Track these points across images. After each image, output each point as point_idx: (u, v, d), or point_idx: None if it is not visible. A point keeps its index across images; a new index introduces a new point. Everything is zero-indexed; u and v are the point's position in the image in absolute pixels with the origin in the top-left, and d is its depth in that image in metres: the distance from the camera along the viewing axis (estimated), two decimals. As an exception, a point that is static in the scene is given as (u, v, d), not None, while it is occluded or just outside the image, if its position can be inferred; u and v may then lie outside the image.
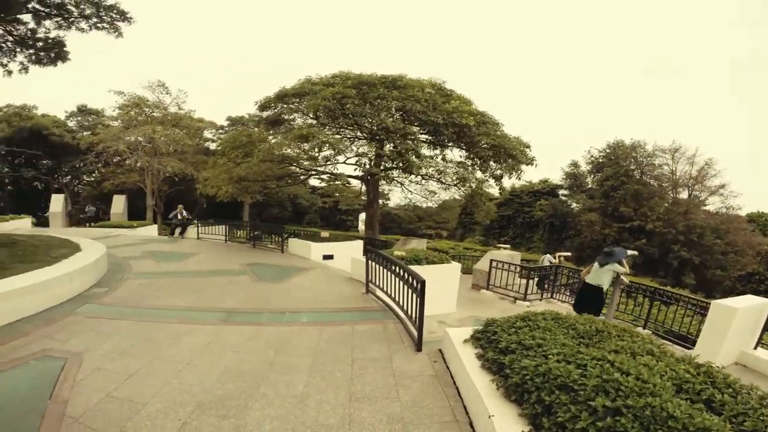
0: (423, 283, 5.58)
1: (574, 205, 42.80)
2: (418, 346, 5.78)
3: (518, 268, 13.82)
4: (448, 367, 5.15)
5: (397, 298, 7.10)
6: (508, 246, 18.29)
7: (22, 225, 22.21)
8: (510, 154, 20.29)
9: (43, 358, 5.25)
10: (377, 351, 5.76)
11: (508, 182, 28.49)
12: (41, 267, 8.42)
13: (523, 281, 13.25)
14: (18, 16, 12.65)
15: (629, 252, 10.30)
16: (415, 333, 5.94)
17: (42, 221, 30.62)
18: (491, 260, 14.29)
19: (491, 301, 13.00)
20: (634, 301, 14.59)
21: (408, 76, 21.06)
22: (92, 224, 25.87)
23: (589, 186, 41.92)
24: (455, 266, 10.65)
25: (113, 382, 4.63)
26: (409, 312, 6.30)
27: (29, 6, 12.38)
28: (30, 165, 38.10)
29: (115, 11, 13.50)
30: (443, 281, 9.64)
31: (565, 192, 44.74)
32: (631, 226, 34.99)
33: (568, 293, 14.25)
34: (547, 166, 56.52)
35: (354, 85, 19.71)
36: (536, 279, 14.25)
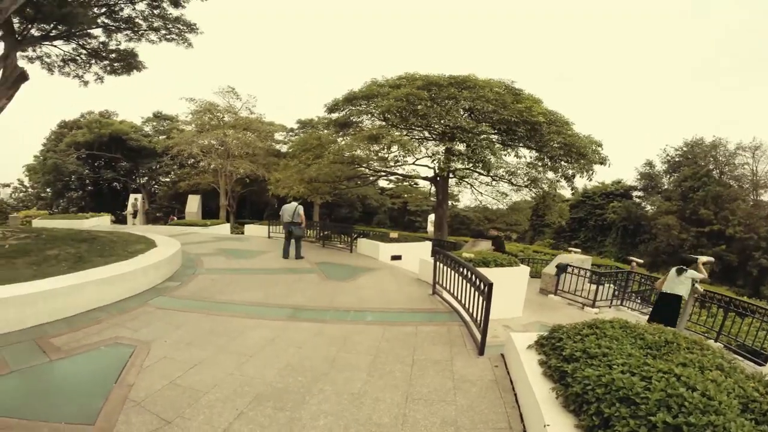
0: (490, 285, 5.49)
1: (648, 207, 40.84)
2: (481, 350, 5.68)
3: (588, 273, 13.38)
4: (508, 373, 5.03)
5: (462, 301, 7.03)
6: (579, 250, 17.75)
7: (101, 222, 23.94)
8: (582, 153, 19.58)
9: (114, 344, 5.62)
10: (439, 353, 5.71)
11: (580, 183, 27.64)
12: (118, 261, 9.03)
13: (593, 287, 12.87)
14: (88, 30, 13.69)
15: (705, 258, 9.63)
16: (478, 336, 5.85)
17: (120, 219, 33.09)
18: (561, 264, 13.93)
19: (558, 307, 12.66)
20: (708, 311, 13.75)
21: (476, 76, 20.91)
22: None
23: (665, 187, 39.76)
24: (523, 269, 10.47)
25: (178, 370, 4.87)
26: (474, 315, 6.22)
27: (99, 21, 13.36)
28: (109, 167, 41.05)
29: (181, 23, 14.30)
30: (510, 285, 9.49)
31: (639, 193, 42.74)
32: (710, 230, 33.01)
33: (638, 301, 13.74)
34: (619, 167, 53.68)
35: (423, 86, 19.73)
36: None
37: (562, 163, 20.88)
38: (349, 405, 4.21)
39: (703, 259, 9.48)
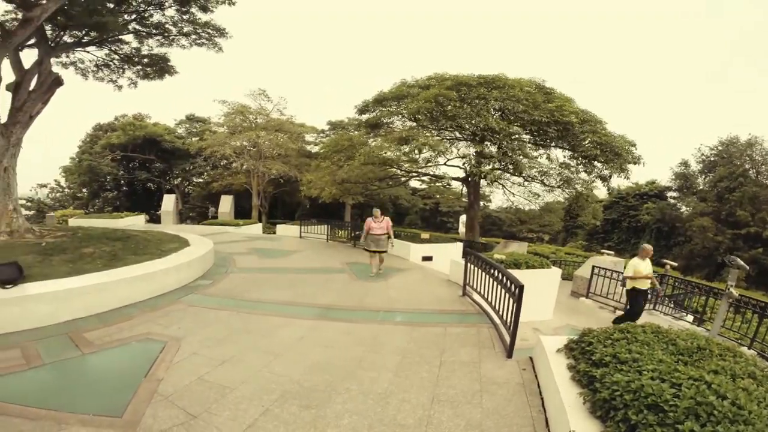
0: (521, 288, 5.44)
1: (683, 208, 39.40)
2: (509, 352, 5.64)
3: (621, 276, 12.97)
4: (536, 376, 4.98)
5: (492, 303, 6.99)
6: (612, 252, 17.38)
7: (136, 221, 24.60)
8: (616, 152, 19.13)
9: (145, 340, 5.78)
10: (467, 355, 5.67)
11: (613, 183, 26.96)
12: (151, 259, 9.28)
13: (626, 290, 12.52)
14: (120, 36, 14.09)
15: (738, 262, 9.20)
16: (507, 339, 5.81)
17: (154, 218, 34.01)
18: (593, 267, 13.79)
19: (590, 310, 12.48)
20: (742, 317, 13.28)
21: (506, 75, 20.75)
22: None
23: (701, 187, 38.29)
24: (555, 272, 10.36)
25: (206, 366, 4.97)
26: (504, 317, 6.17)
27: (129, 27, 13.73)
28: (143, 168, 41.93)
29: (211, 28, 14.51)
30: (542, 287, 9.39)
31: (674, 194, 41.25)
32: (747, 232, 31.63)
33: (672, 305, 13.40)
34: (653, 167, 52.19)
35: (452, 87, 19.67)
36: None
37: (596, 163, 20.53)
38: (375, 405, 4.22)
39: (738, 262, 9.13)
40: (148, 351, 5.37)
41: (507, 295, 6.03)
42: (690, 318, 13.05)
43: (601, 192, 25.57)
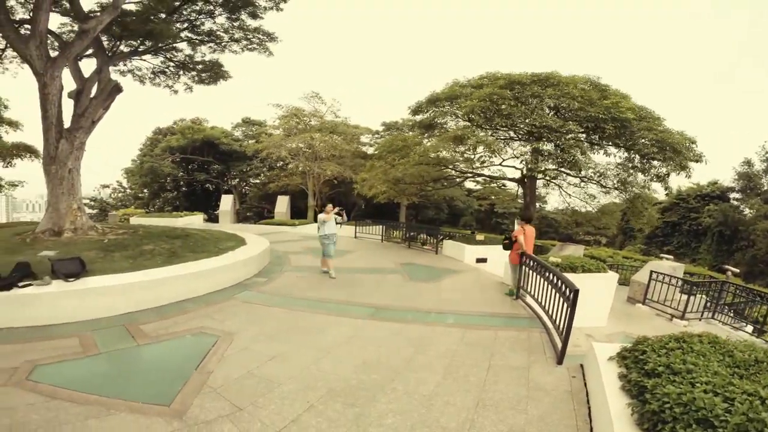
0: (576, 292, 5.32)
1: (747, 210, 37.03)
2: (560, 358, 5.51)
3: (679, 282, 12.53)
4: (585, 385, 4.84)
5: (546, 307, 6.88)
6: (671, 257, 16.55)
7: (194, 221, 25.47)
8: (676, 149, 18.19)
9: (199, 334, 6.00)
10: (516, 359, 5.58)
11: (673, 184, 25.60)
12: (208, 257, 9.63)
13: (684, 297, 12.07)
14: (174, 44, 14.77)
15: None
16: (559, 344, 5.69)
17: (212, 218, 35.28)
18: (651, 272, 13.21)
19: (646, 317, 11.99)
20: None
21: (559, 72, 20.37)
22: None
23: (765, 188, 35.92)
24: (612, 276, 10.06)
25: (256, 361, 5.10)
26: (557, 322, 6.06)
27: (182, 35, 14.39)
28: (202, 169, 43.44)
29: (261, 33, 15.02)
30: (597, 292, 9.12)
31: (737, 195, 38.83)
32: None
33: (731, 314, 12.79)
34: (715, 166, 49.05)
35: (505, 85, 19.45)
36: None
37: (654, 162, 19.70)
38: (419, 406, 4.21)
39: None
40: (201, 344, 5.57)
41: (561, 300, 5.93)
42: (749, 328, 12.37)
43: (660, 194, 24.37)
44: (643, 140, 18.45)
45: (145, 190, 44.91)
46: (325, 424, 3.78)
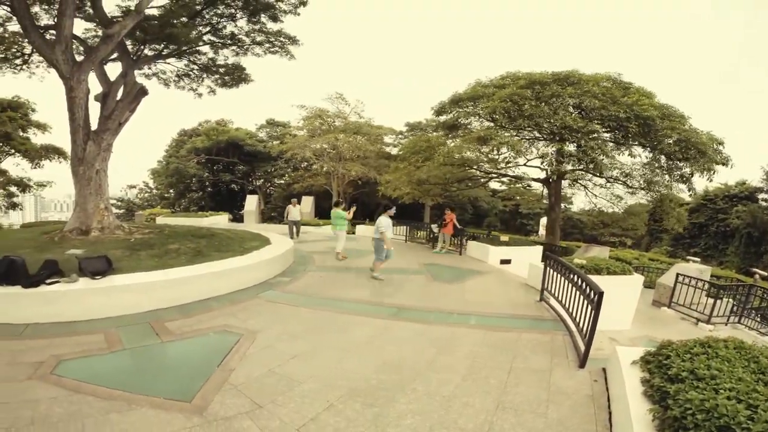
0: (600, 294, 5.26)
1: None
2: (582, 362, 5.44)
3: (705, 285, 12.28)
4: (607, 389, 4.78)
5: (569, 309, 6.81)
6: (698, 259, 16.20)
7: (219, 220, 25.76)
8: (701, 150, 17.74)
9: (222, 332, 6.09)
10: (538, 362, 5.53)
11: (700, 185, 25.09)
12: (233, 256, 9.75)
13: (710, 301, 11.82)
14: (197, 48, 15.11)
15: None
16: (582, 347, 5.64)
17: (237, 218, 35.73)
18: (677, 274, 12.98)
19: (671, 321, 11.81)
20: None
21: (580, 71, 20.25)
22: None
23: None
24: (637, 279, 9.93)
25: (278, 359, 5.15)
26: (581, 325, 5.99)
27: (204, 39, 14.72)
28: (227, 170, 44.23)
29: (282, 36, 15.23)
30: (622, 294, 8.98)
31: (766, 196, 37.69)
32: None
33: (758, 319, 12.41)
34: (744, 165, 47.35)
35: (526, 85, 19.46)
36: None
37: (678, 162, 19.28)
38: (438, 407, 4.20)
39: None
40: (224, 342, 5.64)
41: (585, 302, 5.86)
42: (777, 334, 12.01)
43: (686, 194, 23.84)
44: (667, 140, 18.09)
45: (171, 191, 45.89)
46: (344, 423, 3.79)
